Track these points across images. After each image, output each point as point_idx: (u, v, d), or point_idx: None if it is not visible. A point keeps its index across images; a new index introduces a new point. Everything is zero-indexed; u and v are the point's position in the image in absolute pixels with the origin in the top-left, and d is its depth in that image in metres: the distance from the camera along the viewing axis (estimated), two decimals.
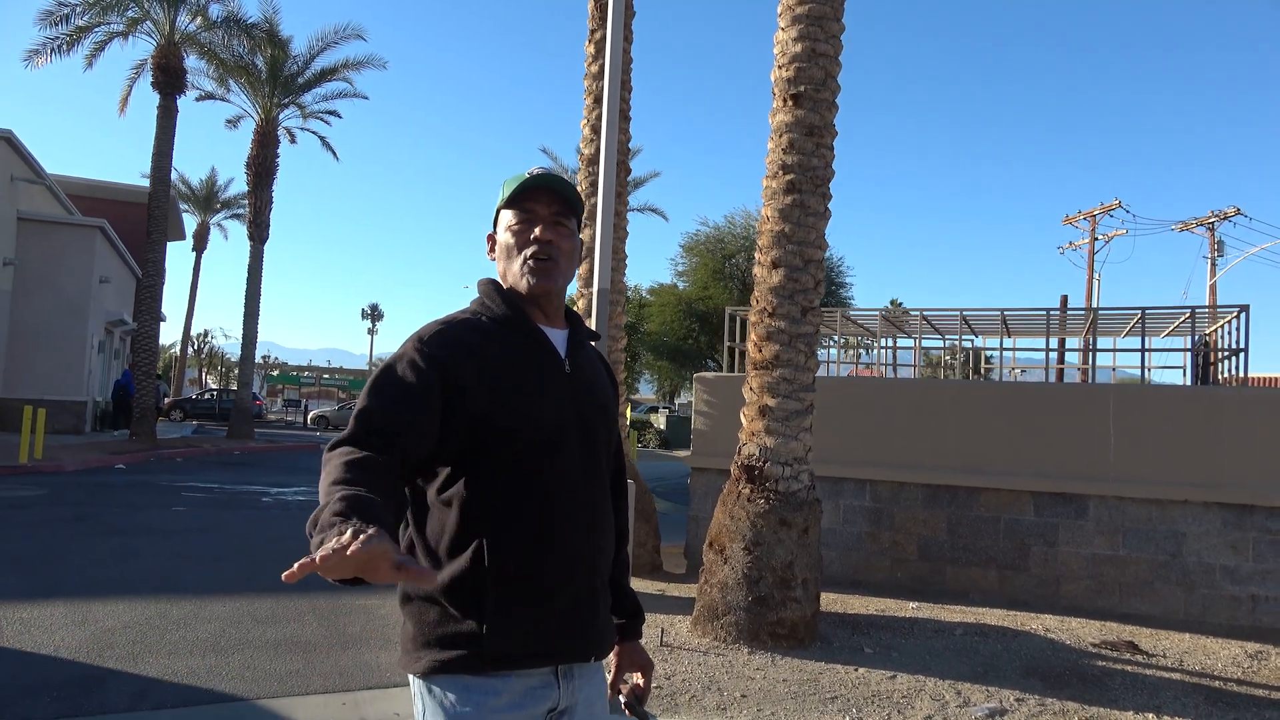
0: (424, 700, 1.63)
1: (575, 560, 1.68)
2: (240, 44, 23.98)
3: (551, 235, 1.72)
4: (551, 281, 1.73)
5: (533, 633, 1.62)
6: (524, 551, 1.62)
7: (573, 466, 1.69)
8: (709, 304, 31.68)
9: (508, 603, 1.60)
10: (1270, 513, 7.22)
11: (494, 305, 1.74)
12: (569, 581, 1.67)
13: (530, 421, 1.64)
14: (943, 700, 5.05)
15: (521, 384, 1.66)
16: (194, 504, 12.27)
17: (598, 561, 1.74)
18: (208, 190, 46.28)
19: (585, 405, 1.75)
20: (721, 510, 6.24)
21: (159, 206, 22.09)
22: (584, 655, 1.71)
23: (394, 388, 1.58)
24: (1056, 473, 7.80)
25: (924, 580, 8.10)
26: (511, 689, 1.60)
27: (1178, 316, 9.52)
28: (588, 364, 1.83)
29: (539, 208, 1.74)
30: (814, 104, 6.14)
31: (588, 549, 1.71)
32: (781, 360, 6.14)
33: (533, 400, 1.65)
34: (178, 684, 4.85)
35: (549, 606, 1.64)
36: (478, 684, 1.59)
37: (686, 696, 4.90)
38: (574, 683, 1.70)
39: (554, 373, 1.72)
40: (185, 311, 46.85)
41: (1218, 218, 35.15)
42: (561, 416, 1.69)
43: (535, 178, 1.73)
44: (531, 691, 1.63)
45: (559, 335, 1.78)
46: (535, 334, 1.73)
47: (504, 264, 1.77)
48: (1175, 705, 5.22)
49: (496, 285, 1.78)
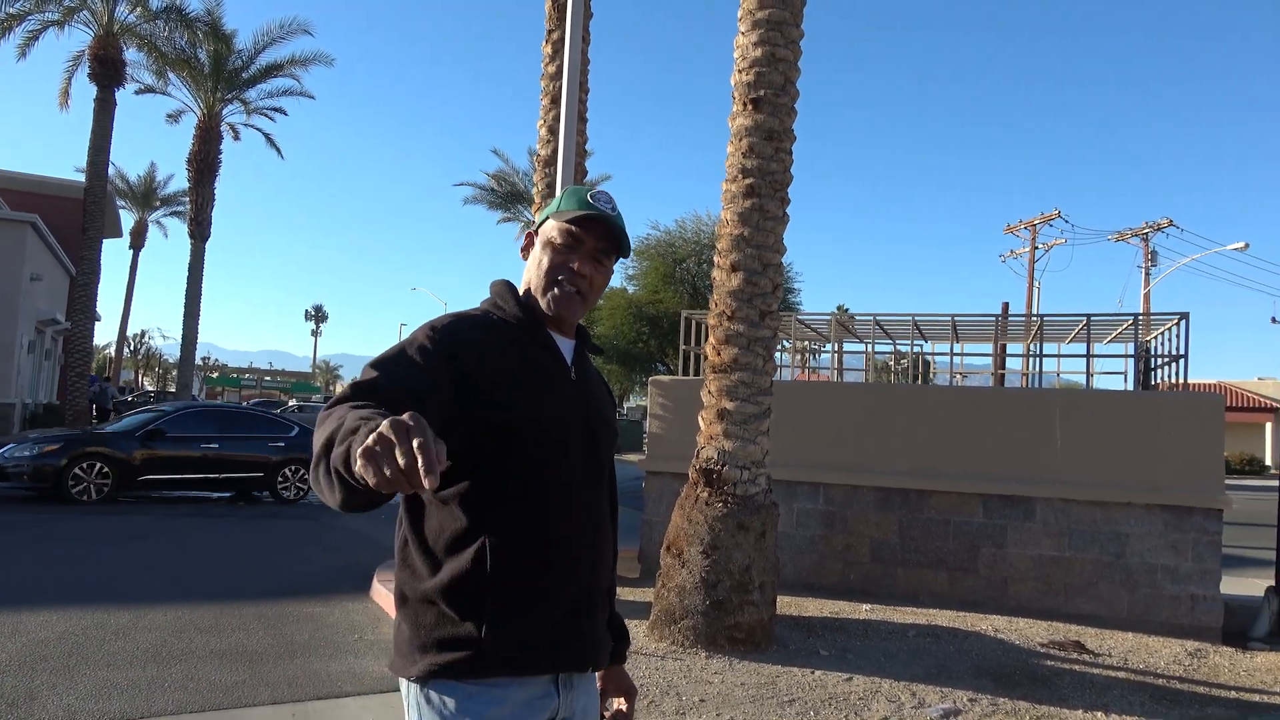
0: (420, 707, 1.56)
1: (577, 565, 1.64)
2: (182, 36, 23.39)
3: (589, 270, 1.71)
4: (571, 313, 1.72)
5: (533, 637, 1.57)
6: (526, 553, 1.58)
7: (577, 471, 1.66)
8: (659, 308, 31.71)
9: (509, 605, 1.55)
10: (1208, 514, 7.44)
11: (506, 306, 1.71)
12: (571, 586, 1.63)
13: (536, 422, 1.61)
14: (898, 701, 5.09)
15: (529, 384, 1.63)
16: (131, 510, 11.88)
17: (599, 568, 1.71)
18: (147, 186, 44.94)
19: (589, 412, 1.73)
20: (679, 514, 6.21)
21: (95, 202, 21.41)
22: (583, 664, 1.67)
23: (399, 365, 1.51)
24: (1005, 476, 7.94)
25: (876, 582, 8.17)
26: (513, 698, 1.56)
27: (1120, 323, 9.79)
28: (592, 376, 1.82)
29: (589, 238, 1.71)
30: (774, 109, 6.16)
31: (590, 554, 1.67)
32: (740, 364, 6.15)
33: (539, 401, 1.62)
34: (116, 697, 4.66)
35: (550, 611, 1.60)
36: (478, 692, 1.53)
37: (644, 701, 4.85)
38: (573, 693, 1.66)
39: (561, 378, 1.70)
40: (121, 311, 45.48)
41: (1152, 229, 36.36)
42: (567, 420, 1.66)
43: (595, 210, 1.69)
44: (532, 702, 1.58)
45: (566, 345, 1.76)
46: (545, 339, 1.71)
47: (534, 273, 1.74)
48: (1122, 703, 5.34)
49: (512, 287, 1.76)
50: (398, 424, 1.07)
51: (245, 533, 10.77)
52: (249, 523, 11.58)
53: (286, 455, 13.51)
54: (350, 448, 1.13)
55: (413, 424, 1.08)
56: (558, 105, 8.01)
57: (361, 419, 1.21)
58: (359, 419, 1.21)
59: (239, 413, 15.01)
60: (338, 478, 1.19)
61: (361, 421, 1.19)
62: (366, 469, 1.07)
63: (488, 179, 36.81)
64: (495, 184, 36.39)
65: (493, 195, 36.16)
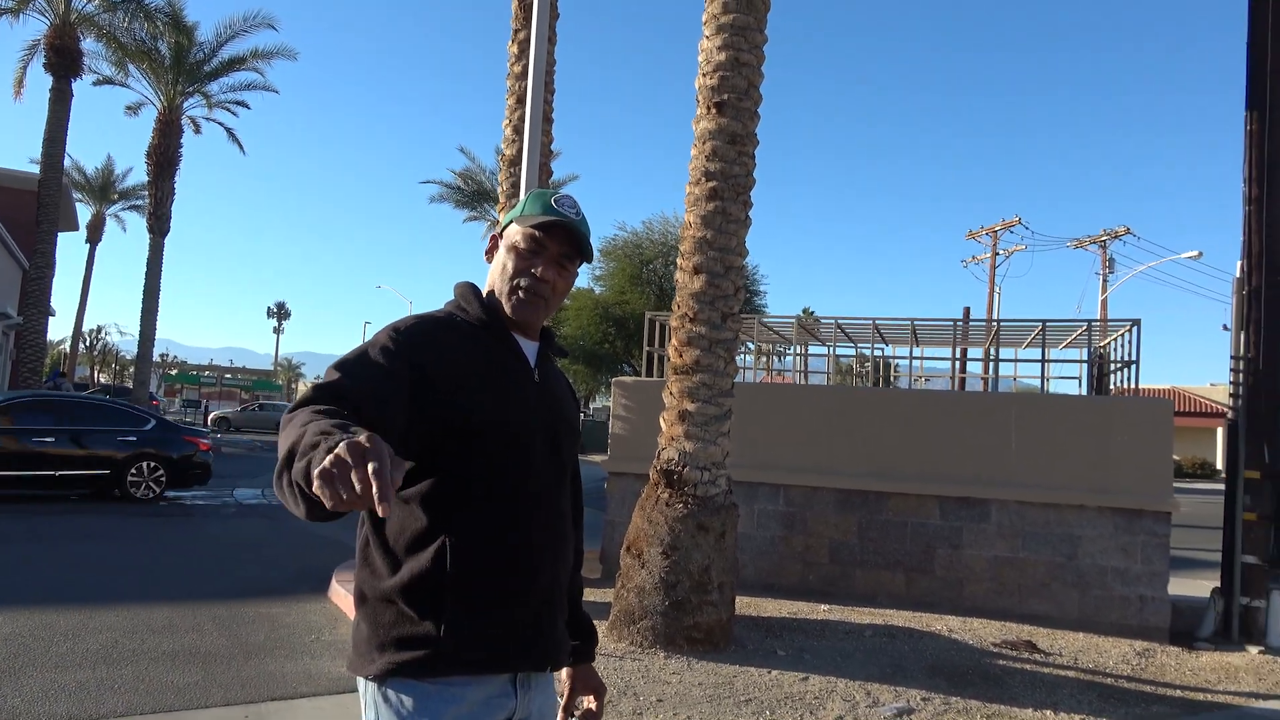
0: (377, 706, 1.56)
1: (538, 566, 1.65)
2: (142, 27, 22.99)
3: (552, 275, 1.72)
4: (533, 316, 1.73)
5: (492, 637, 1.58)
6: (487, 554, 1.58)
7: (539, 472, 1.67)
8: (626, 309, 31.74)
9: (468, 605, 1.55)
10: (1157, 517, 7.61)
11: (470, 308, 1.72)
12: (531, 587, 1.63)
13: (498, 423, 1.61)
14: (853, 701, 5.15)
15: (491, 386, 1.63)
16: (82, 509, 11.65)
17: (559, 570, 1.72)
18: (104, 179, 44.04)
19: (552, 414, 1.74)
20: (640, 514, 6.23)
21: (49, 194, 20.97)
22: (541, 664, 1.68)
23: (362, 367, 1.51)
24: (962, 478, 8.06)
25: (835, 583, 8.26)
26: (470, 698, 1.56)
27: (1075, 329, 9.99)
28: (555, 377, 1.83)
29: (552, 244, 1.72)
30: (737, 112, 6.21)
31: (550, 556, 1.68)
32: (702, 365, 6.18)
33: (502, 402, 1.63)
34: (64, 699, 4.57)
35: (510, 611, 1.60)
36: (436, 691, 1.54)
37: None
38: (530, 693, 1.67)
39: (524, 379, 1.71)
40: (77, 306, 44.55)
41: (1110, 236, 37.05)
42: (529, 422, 1.67)
43: (560, 219, 1.70)
44: (490, 701, 1.59)
45: (530, 347, 1.77)
46: (509, 341, 1.72)
47: (498, 277, 1.75)
48: (1071, 702, 5.45)
49: (476, 290, 1.77)
50: (354, 447, 1.08)
51: (205, 532, 10.61)
52: (206, 520, 11.41)
53: (138, 450, 12.44)
54: (309, 465, 1.13)
55: (369, 446, 1.08)
56: (523, 105, 7.99)
57: (322, 433, 1.20)
58: (319, 433, 1.20)
59: (84, 404, 13.53)
60: (300, 492, 1.19)
61: (321, 436, 1.19)
62: (323, 491, 1.08)
63: (454, 177, 36.59)
64: (462, 182, 36.19)
65: (459, 194, 35.95)
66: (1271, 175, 7.76)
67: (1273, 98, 7.73)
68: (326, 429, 1.22)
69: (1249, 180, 7.84)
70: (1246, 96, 7.92)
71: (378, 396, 1.45)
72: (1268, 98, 7.74)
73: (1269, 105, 7.74)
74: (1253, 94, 7.86)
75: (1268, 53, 7.76)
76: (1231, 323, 8.00)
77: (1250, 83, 7.89)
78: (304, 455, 1.18)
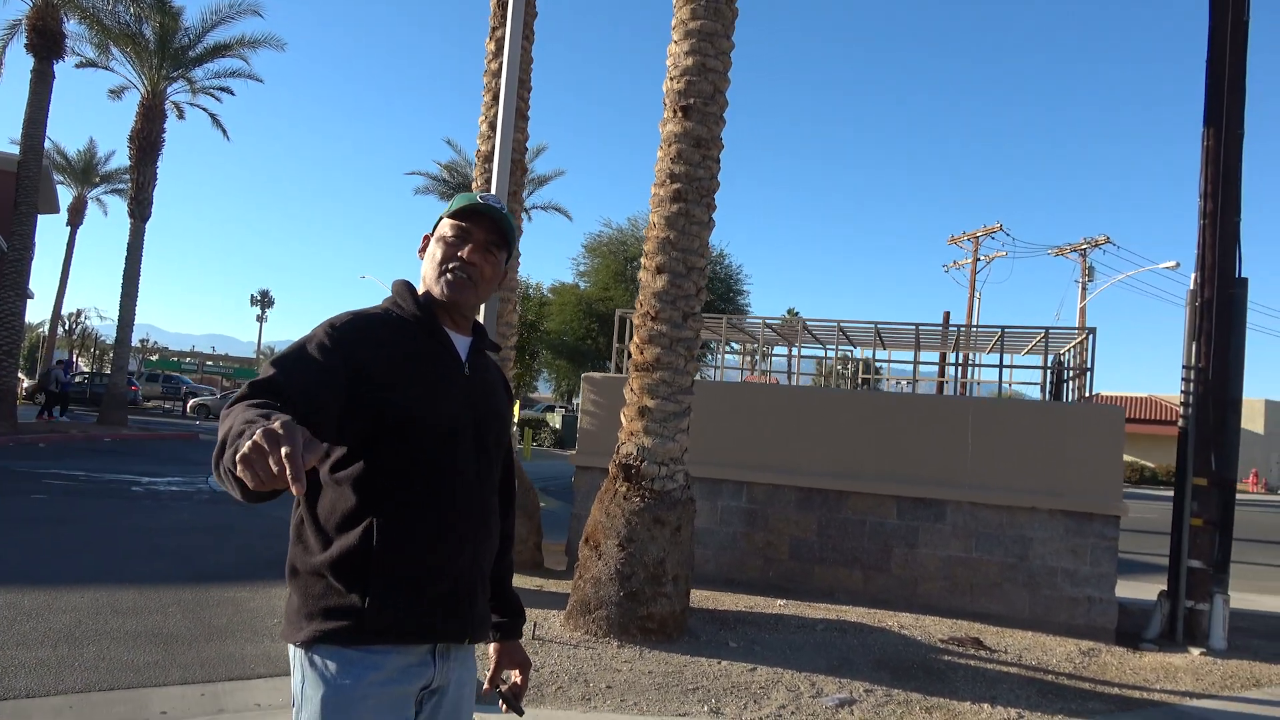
0: (304, 670, 1.70)
1: (459, 547, 1.78)
2: (126, 10, 22.86)
3: (478, 259, 1.86)
4: (462, 296, 1.85)
5: (412, 611, 1.71)
6: (411, 534, 1.72)
7: (464, 460, 1.80)
8: (609, 305, 31.87)
9: (391, 580, 1.69)
10: (1106, 520, 7.82)
11: (404, 304, 1.85)
12: (451, 567, 1.77)
13: (428, 413, 1.74)
14: (797, 691, 5.31)
15: (422, 378, 1.76)
16: (56, 492, 11.68)
17: (480, 553, 1.85)
18: (86, 162, 43.70)
19: (480, 406, 1.87)
20: (599, 507, 6.38)
21: (29, 176, 20.84)
22: (459, 637, 1.81)
23: (297, 362, 1.64)
24: (919, 479, 8.25)
25: (794, 579, 8.43)
26: (390, 664, 1.69)
27: (1034, 336, 10.20)
28: (485, 370, 1.95)
29: (476, 230, 1.86)
30: (702, 117, 6.35)
31: (471, 538, 1.81)
32: (662, 363, 6.33)
33: (431, 394, 1.76)
34: (22, 675, 4.67)
35: (430, 588, 1.73)
36: (359, 658, 1.67)
37: (553, 688, 5.01)
38: (449, 663, 1.80)
39: (453, 372, 1.83)
40: (56, 289, 44.14)
41: (1089, 244, 37.48)
42: (457, 413, 1.80)
43: (481, 204, 1.86)
44: (409, 669, 1.72)
45: (463, 341, 1.90)
46: (439, 335, 1.85)
47: (428, 266, 1.89)
48: (1009, 696, 5.64)
49: (410, 287, 1.90)
50: (269, 433, 1.22)
51: (174, 517, 10.67)
52: (178, 506, 11.47)
53: None
54: (236, 451, 1.26)
55: (282, 433, 1.22)
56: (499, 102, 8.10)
57: (247, 422, 1.34)
58: (245, 422, 1.35)
59: None
60: (231, 476, 1.33)
61: (247, 425, 1.33)
62: (245, 474, 1.22)
63: (439, 169, 36.60)
64: (447, 174, 36.20)
65: (445, 185, 35.96)
66: (1226, 190, 7.97)
67: (1229, 115, 7.95)
68: (252, 418, 1.36)
69: (1205, 195, 8.05)
70: (1205, 113, 8.13)
71: (308, 390, 1.58)
72: (1224, 115, 7.96)
73: (1225, 122, 7.96)
74: (1210, 111, 8.07)
75: (1224, 72, 7.97)
76: (1184, 333, 8.22)
77: (1208, 100, 8.10)
78: (233, 443, 1.32)
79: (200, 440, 24.18)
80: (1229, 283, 7.97)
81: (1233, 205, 7.96)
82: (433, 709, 1.80)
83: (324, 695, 1.66)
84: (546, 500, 14.06)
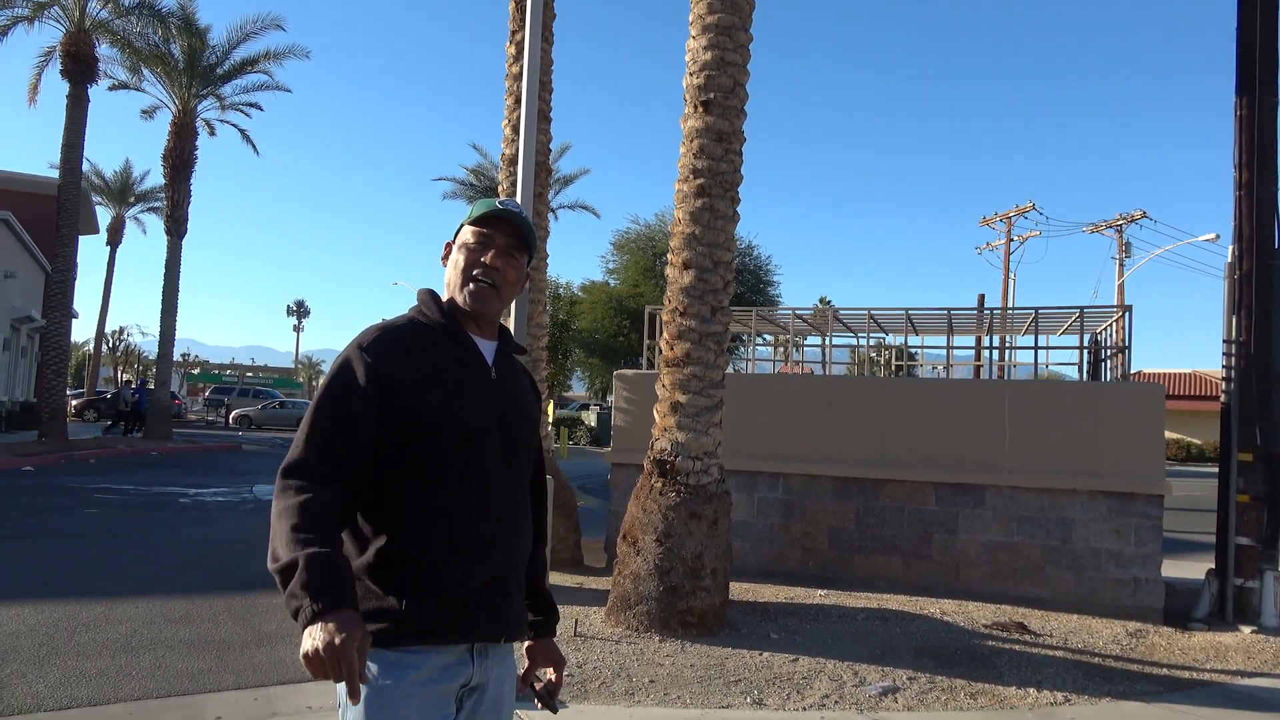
0: None
1: (491, 548, 1.83)
2: (155, 32, 23.32)
3: (501, 264, 1.90)
4: (487, 305, 1.91)
5: (448, 612, 1.76)
6: (443, 536, 1.77)
7: (494, 462, 1.85)
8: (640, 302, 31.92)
9: (426, 582, 1.74)
10: (1150, 500, 7.72)
11: (430, 313, 1.90)
12: (484, 567, 1.81)
13: (456, 418, 1.80)
14: (840, 680, 5.32)
15: (450, 384, 1.81)
16: (107, 506, 11.98)
17: (513, 552, 1.90)
18: (123, 182, 44.61)
19: (508, 409, 1.91)
20: (635, 503, 6.42)
21: (69, 199, 21.37)
22: (496, 636, 1.85)
23: (339, 405, 1.76)
24: (956, 464, 8.20)
25: (834, 569, 8.42)
26: (430, 663, 1.74)
27: (1068, 316, 10.06)
28: (513, 373, 1.99)
29: (498, 235, 1.91)
30: (723, 111, 6.36)
31: (504, 539, 1.86)
32: (692, 358, 6.36)
33: (460, 399, 1.81)
34: (84, 685, 4.83)
35: (464, 588, 1.78)
36: (398, 659, 1.73)
37: (596, 684, 5.07)
38: (487, 662, 1.85)
39: (480, 377, 1.88)
40: (99, 308, 45.14)
41: (1126, 220, 36.80)
42: (485, 416, 1.84)
43: (501, 209, 1.91)
44: (448, 667, 1.77)
45: (489, 346, 1.94)
46: (465, 341, 1.90)
47: (452, 274, 1.94)
48: (1055, 680, 5.59)
49: (435, 295, 1.95)
50: (329, 649, 1.48)
51: (221, 527, 10.90)
52: (225, 516, 11.71)
53: None
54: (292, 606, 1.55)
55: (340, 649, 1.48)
56: (521, 105, 8.16)
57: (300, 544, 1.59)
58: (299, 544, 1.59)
59: None
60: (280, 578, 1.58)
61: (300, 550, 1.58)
62: (307, 668, 1.49)
63: (466, 173, 36.88)
64: (474, 178, 36.47)
65: (471, 189, 36.22)
66: (1261, 160, 7.82)
67: (1261, 83, 7.79)
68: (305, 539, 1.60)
69: (1239, 165, 7.90)
70: (1236, 82, 7.98)
71: (354, 436, 1.74)
72: (1256, 83, 7.80)
73: (1258, 90, 7.80)
74: (1242, 80, 7.91)
75: (1256, 39, 7.81)
76: (1224, 307, 8.07)
77: (1240, 69, 7.95)
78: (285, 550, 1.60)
79: (243, 451, 24.62)
80: (1268, 253, 7.82)
81: (1269, 174, 7.81)
82: (473, 706, 1.84)
83: (367, 696, 1.71)
84: (584, 498, 14.15)
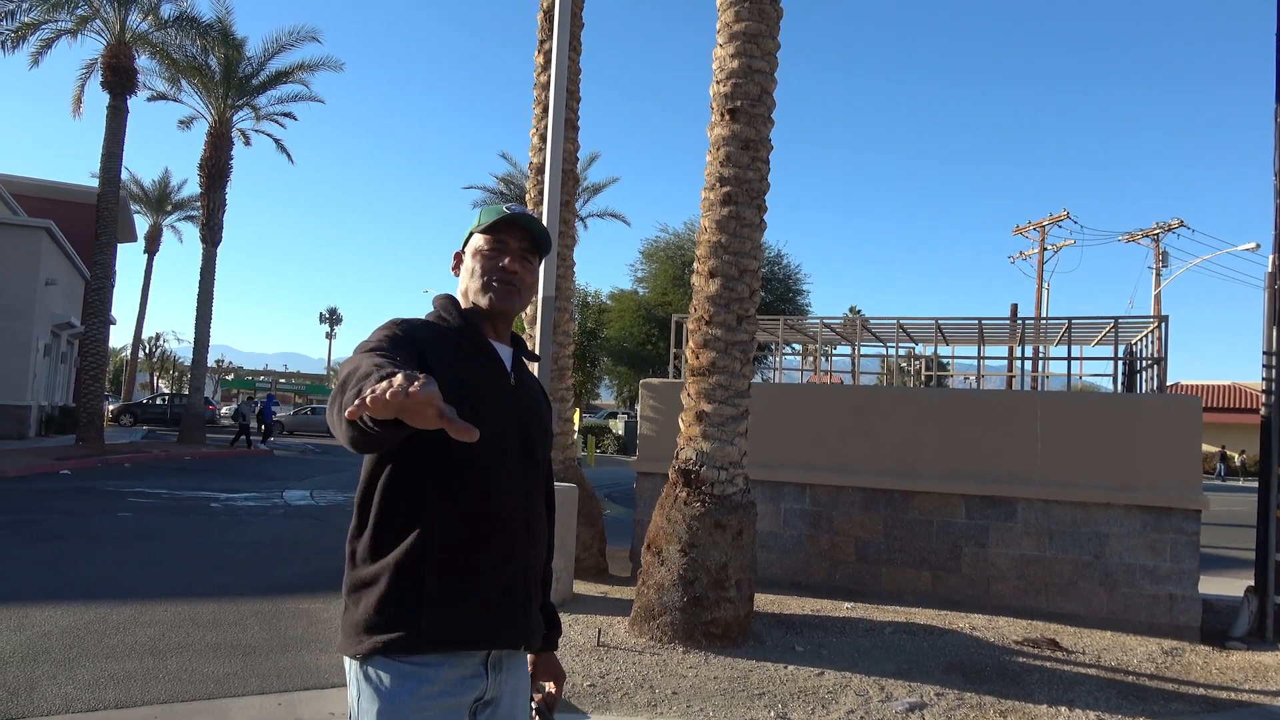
0: (359, 684, 1.74)
1: (509, 556, 1.81)
2: (193, 44, 23.77)
3: (518, 267, 1.91)
4: (510, 304, 1.91)
5: (467, 617, 1.74)
6: (462, 545, 1.75)
7: (512, 469, 1.84)
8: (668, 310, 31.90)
9: (443, 591, 1.73)
10: (1186, 515, 7.54)
11: (450, 317, 1.90)
12: (502, 573, 1.80)
13: (476, 422, 1.78)
14: (866, 695, 5.24)
15: (471, 389, 1.79)
16: (141, 509, 12.15)
17: (531, 559, 1.88)
18: (160, 191, 45.49)
19: (526, 415, 1.91)
20: (659, 513, 6.39)
21: (108, 207, 21.78)
22: (513, 643, 1.84)
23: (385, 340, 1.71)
24: (986, 477, 8.07)
25: (861, 581, 8.32)
26: (443, 677, 1.72)
27: (1103, 327, 9.89)
28: (529, 381, 2.00)
29: (511, 240, 1.92)
30: (750, 119, 6.33)
31: (521, 544, 1.84)
32: (718, 367, 6.32)
33: (480, 402, 1.79)
34: (112, 687, 4.88)
35: (483, 594, 1.77)
36: (412, 671, 1.70)
37: (619, 694, 5.03)
38: (501, 675, 1.83)
39: (500, 382, 1.87)
40: (136, 315, 45.92)
41: (1162, 229, 36.19)
42: (504, 422, 1.83)
43: (513, 214, 1.91)
44: (462, 681, 1.75)
45: (505, 351, 1.94)
46: (486, 345, 1.90)
47: (467, 281, 1.93)
48: (1088, 699, 5.47)
49: (454, 300, 1.95)
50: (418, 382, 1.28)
51: (250, 531, 11.01)
52: (255, 521, 11.83)
53: None
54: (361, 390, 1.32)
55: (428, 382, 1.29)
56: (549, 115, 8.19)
57: (376, 365, 1.44)
58: (374, 365, 1.44)
59: None
60: (345, 423, 1.40)
61: (375, 368, 1.42)
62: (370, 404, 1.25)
63: (496, 182, 37.13)
64: (504, 187, 36.72)
65: (501, 198, 36.47)
66: None
67: None
68: (380, 362, 1.47)
69: (1279, 174, 7.73)
70: (1276, 88, 7.82)
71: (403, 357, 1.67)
72: None
73: None
74: None
75: None
76: (1264, 317, 7.89)
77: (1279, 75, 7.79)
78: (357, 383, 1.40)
79: (275, 456, 24.90)
80: None
81: None
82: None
83: (379, 709, 1.70)
84: (610, 506, 14.13)
